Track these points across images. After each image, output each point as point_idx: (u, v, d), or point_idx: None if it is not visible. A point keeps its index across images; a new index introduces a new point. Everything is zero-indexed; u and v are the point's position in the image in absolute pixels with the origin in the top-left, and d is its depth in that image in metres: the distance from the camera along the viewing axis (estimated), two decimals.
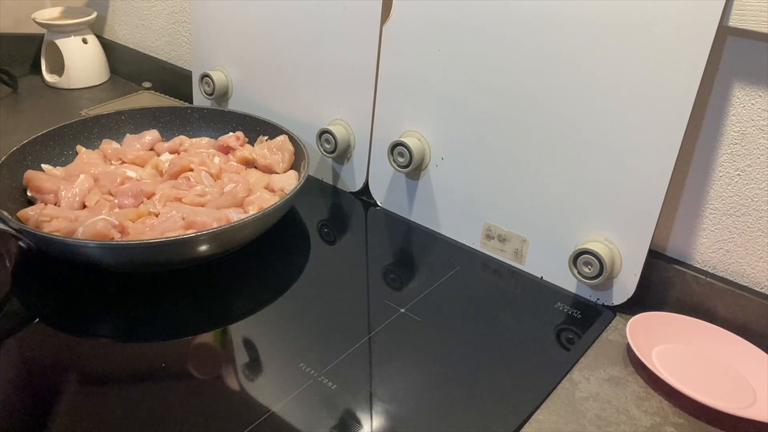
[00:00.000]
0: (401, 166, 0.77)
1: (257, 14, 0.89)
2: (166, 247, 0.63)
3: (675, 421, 0.55)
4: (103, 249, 0.62)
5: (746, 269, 0.65)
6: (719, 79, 0.61)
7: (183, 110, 0.90)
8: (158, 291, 0.66)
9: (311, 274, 0.71)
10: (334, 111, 0.85)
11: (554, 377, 0.58)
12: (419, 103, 0.77)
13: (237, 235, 0.67)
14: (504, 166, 0.72)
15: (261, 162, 0.82)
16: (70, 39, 1.15)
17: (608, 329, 0.65)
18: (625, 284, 0.66)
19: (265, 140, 0.85)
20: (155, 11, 1.16)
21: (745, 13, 0.56)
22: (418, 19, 0.73)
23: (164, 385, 0.56)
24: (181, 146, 0.85)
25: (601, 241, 0.66)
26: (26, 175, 0.74)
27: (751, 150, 0.61)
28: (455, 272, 0.72)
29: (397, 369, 0.58)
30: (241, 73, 0.95)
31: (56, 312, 0.64)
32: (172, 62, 1.16)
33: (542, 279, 0.71)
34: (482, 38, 0.69)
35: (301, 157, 0.80)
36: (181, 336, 0.61)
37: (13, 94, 1.12)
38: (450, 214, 0.78)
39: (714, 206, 0.65)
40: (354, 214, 0.84)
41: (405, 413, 0.53)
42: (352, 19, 0.79)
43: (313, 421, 0.52)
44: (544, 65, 0.66)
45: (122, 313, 0.64)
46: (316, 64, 0.85)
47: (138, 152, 0.83)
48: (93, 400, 0.54)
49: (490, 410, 0.54)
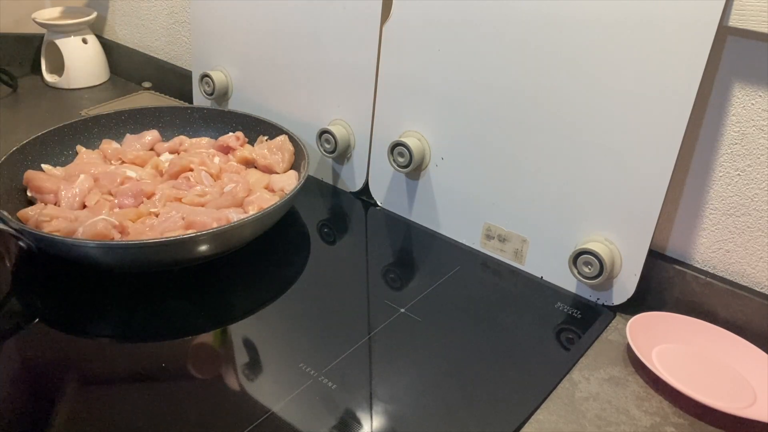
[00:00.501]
0: (401, 166, 0.77)
1: (257, 14, 0.89)
2: (166, 247, 0.63)
3: (675, 421, 0.55)
4: (103, 249, 0.62)
5: (746, 269, 0.65)
6: (719, 79, 0.61)
7: (183, 110, 0.90)
8: (158, 291, 0.66)
9: (311, 274, 0.71)
10: (334, 111, 0.85)
11: (554, 377, 0.58)
12: (419, 103, 0.77)
13: (237, 235, 0.67)
14: (504, 166, 0.72)
15: (261, 162, 0.82)
16: (70, 39, 1.15)
17: (608, 329, 0.65)
18: (625, 284, 0.66)
19: (265, 140, 0.85)
20: (155, 11, 1.16)
21: (745, 13, 0.56)
22: (418, 19, 0.73)
23: (164, 385, 0.56)
24: (181, 146, 0.85)
25: (601, 241, 0.66)
26: (26, 175, 0.74)
27: (751, 150, 0.61)
28: (455, 272, 0.72)
29: (397, 369, 0.58)
30: (241, 73, 0.95)
31: (56, 312, 0.64)
32: (172, 62, 1.16)
33: (542, 279, 0.71)
34: (482, 38, 0.69)
35: (301, 157, 0.80)
36: (181, 336, 0.61)
37: (13, 94, 1.12)
38: (450, 214, 0.78)
39: (714, 206, 0.65)
40: (354, 214, 0.84)
41: (405, 413, 0.53)
42: (352, 19, 0.79)
43: (313, 421, 0.52)
44: (544, 65, 0.66)
45: (122, 313, 0.64)
46: (316, 64, 0.85)
47: (138, 152, 0.83)
48: (93, 400, 0.54)
49: (490, 410, 0.54)
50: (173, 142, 0.86)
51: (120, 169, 0.79)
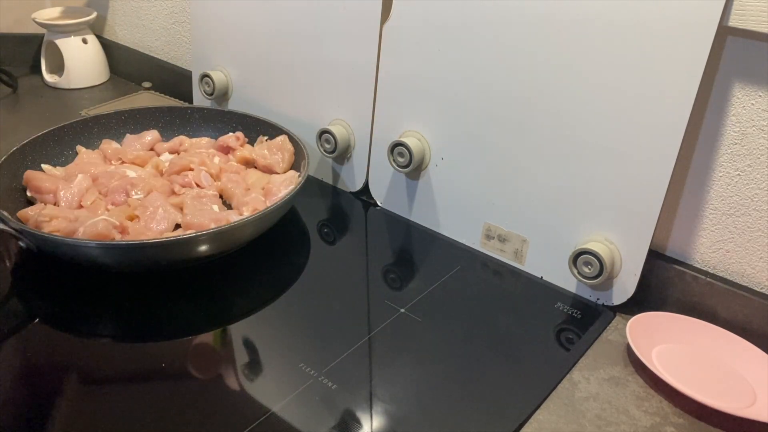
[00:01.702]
0: (401, 166, 0.77)
1: (257, 14, 0.89)
2: (165, 247, 0.63)
3: (675, 421, 0.55)
4: (103, 249, 0.62)
5: (746, 269, 0.65)
6: (719, 79, 0.61)
7: (183, 110, 0.90)
8: (158, 290, 0.66)
9: (311, 274, 0.71)
10: (334, 111, 0.85)
11: (554, 377, 0.58)
12: (419, 103, 0.77)
13: (236, 236, 0.67)
14: (504, 166, 0.72)
15: (261, 162, 0.82)
16: (70, 39, 1.15)
17: (608, 329, 0.65)
18: (625, 284, 0.66)
19: (265, 140, 0.85)
20: (155, 11, 1.16)
21: (745, 13, 0.56)
22: (418, 19, 0.73)
23: (164, 385, 0.56)
24: (181, 146, 0.85)
25: (601, 241, 0.66)
26: (26, 175, 0.74)
27: (751, 150, 0.61)
28: (455, 272, 0.72)
29: (397, 369, 0.58)
30: (241, 73, 0.95)
31: (56, 312, 0.64)
32: (172, 62, 1.16)
33: (542, 279, 0.71)
34: (482, 38, 0.69)
35: (301, 157, 0.80)
36: (181, 336, 0.61)
37: (13, 94, 1.12)
38: (450, 214, 0.78)
39: (714, 206, 0.65)
40: (354, 214, 0.84)
41: (405, 413, 0.53)
42: (352, 19, 0.79)
43: (313, 421, 0.52)
44: (544, 65, 0.66)
45: (122, 313, 0.64)
46: (316, 64, 0.85)
47: (138, 152, 0.83)
48: (93, 400, 0.54)
49: (490, 410, 0.54)
50: (173, 142, 0.86)
51: (120, 169, 0.79)
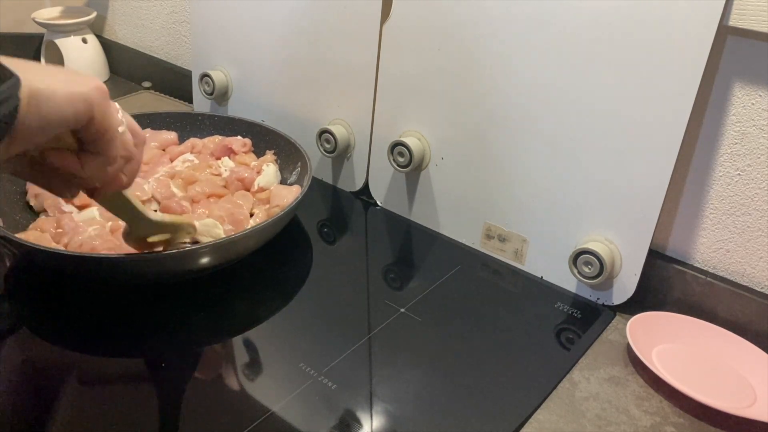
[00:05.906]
0: (401, 165, 0.77)
1: (257, 14, 0.89)
2: (167, 260, 0.61)
3: (675, 421, 0.55)
4: (104, 263, 0.60)
5: (746, 269, 0.65)
6: (719, 79, 0.61)
7: (194, 116, 0.88)
8: (157, 293, 0.66)
9: (311, 273, 0.71)
10: (334, 111, 0.85)
11: (554, 377, 0.58)
12: (419, 103, 0.77)
13: (238, 248, 0.66)
14: (504, 166, 0.72)
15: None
16: (70, 39, 1.15)
17: (608, 329, 0.65)
18: (625, 284, 0.66)
19: (272, 153, 0.82)
20: (155, 11, 1.16)
21: (745, 13, 0.56)
22: (418, 19, 0.73)
23: (164, 386, 0.56)
24: (194, 149, 0.83)
25: (601, 240, 0.66)
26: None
27: (751, 150, 0.61)
28: (455, 272, 0.72)
29: (397, 369, 0.58)
30: (241, 73, 0.95)
31: (55, 322, 0.63)
32: (172, 62, 1.16)
33: (542, 279, 0.71)
34: (482, 38, 0.69)
35: (304, 171, 0.77)
36: (180, 336, 0.61)
37: None
38: (450, 213, 0.78)
39: (714, 206, 0.65)
40: (354, 214, 0.84)
41: (405, 413, 0.53)
42: (352, 18, 0.79)
43: (313, 421, 0.52)
44: (544, 65, 0.66)
45: (122, 315, 0.63)
46: (316, 63, 0.85)
47: (152, 150, 0.81)
48: (93, 401, 0.54)
49: (490, 410, 0.54)
50: (185, 146, 0.83)
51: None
